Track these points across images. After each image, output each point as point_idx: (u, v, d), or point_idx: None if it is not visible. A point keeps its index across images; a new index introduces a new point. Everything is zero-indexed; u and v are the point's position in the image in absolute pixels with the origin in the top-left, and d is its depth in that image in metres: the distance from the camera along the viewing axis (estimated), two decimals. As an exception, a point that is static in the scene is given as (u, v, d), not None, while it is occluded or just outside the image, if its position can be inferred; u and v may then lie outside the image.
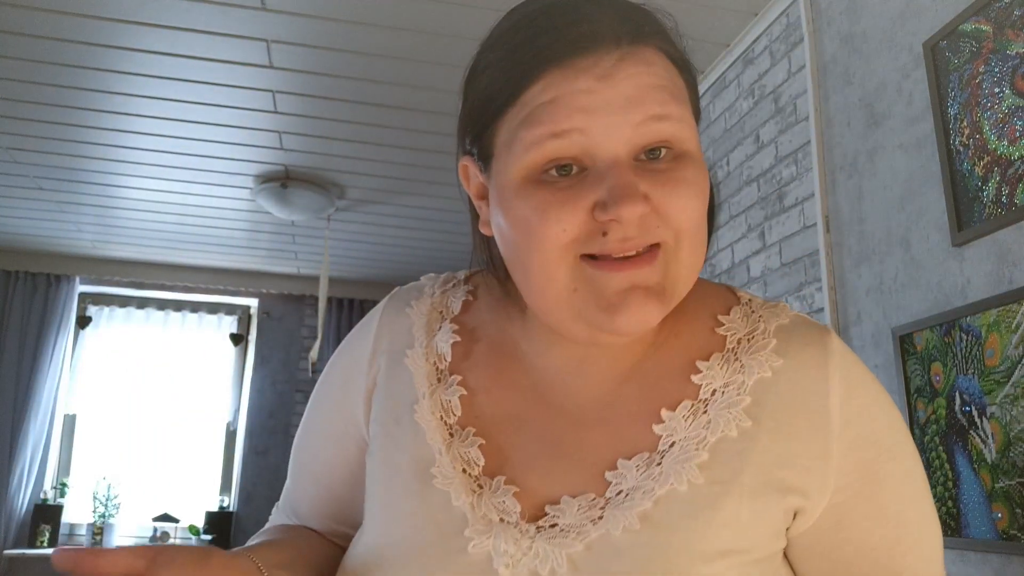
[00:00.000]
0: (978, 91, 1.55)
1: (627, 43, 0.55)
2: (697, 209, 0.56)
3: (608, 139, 0.54)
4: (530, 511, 0.59)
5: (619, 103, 0.54)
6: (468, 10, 2.33)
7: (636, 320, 0.55)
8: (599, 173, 0.54)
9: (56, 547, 0.56)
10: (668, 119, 0.55)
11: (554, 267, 0.55)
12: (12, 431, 4.56)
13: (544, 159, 0.55)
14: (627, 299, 0.55)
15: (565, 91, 0.54)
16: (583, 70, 0.54)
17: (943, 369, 1.59)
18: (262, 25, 2.44)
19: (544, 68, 0.55)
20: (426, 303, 0.71)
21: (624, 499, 0.57)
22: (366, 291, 5.29)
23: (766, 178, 2.32)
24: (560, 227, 0.54)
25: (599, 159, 0.54)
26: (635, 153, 0.55)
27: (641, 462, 0.58)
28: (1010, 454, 1.40)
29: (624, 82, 0.54)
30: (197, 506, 4.91)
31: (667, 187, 0.55)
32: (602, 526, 0.56)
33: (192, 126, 3.12)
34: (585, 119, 0.54)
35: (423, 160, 3.38)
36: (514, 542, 0.56)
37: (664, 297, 0.56)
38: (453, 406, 0.64)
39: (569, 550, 0.56)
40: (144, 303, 5.20)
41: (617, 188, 0.53)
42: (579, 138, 0.54)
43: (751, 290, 2.36)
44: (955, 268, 1.59)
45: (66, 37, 2.52)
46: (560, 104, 0.54)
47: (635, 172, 0.54)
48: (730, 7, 2.33)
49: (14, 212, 4.18)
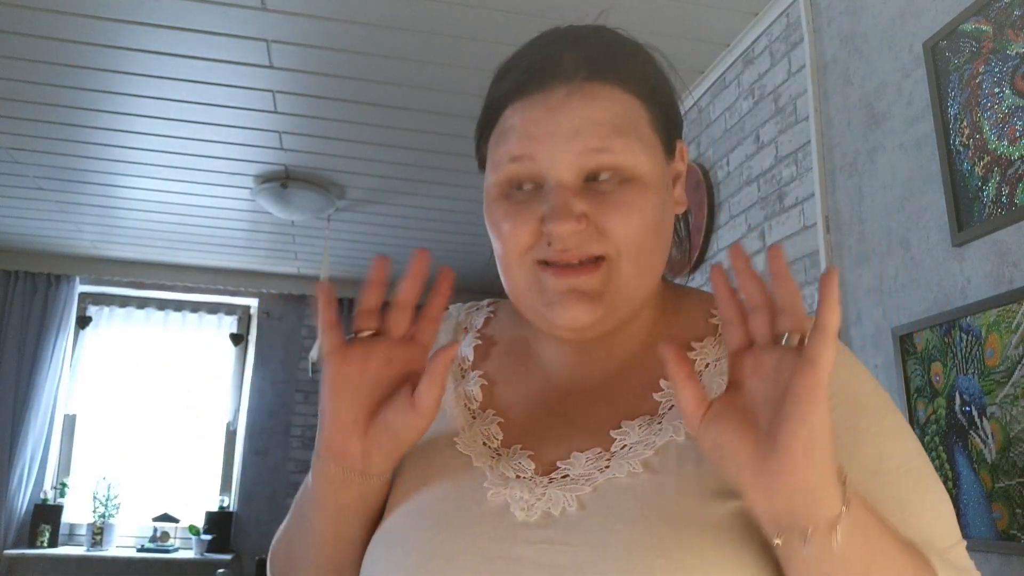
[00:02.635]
0: (978, 91, 1.55)
1: (581, 79, 0.64)
2: (636, 227, 0.64)
3: (553, 164, 0.63)
4: (543, 469, 0.65)
5: (562, 134, 0.63)
6: (468, 10, 2.33)
7: (571, 317, 0.64)
8: (547, 192, 0.64)
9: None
10: (608, 151, 0.63)
11: (515, 268, 0.66)
12: (12, 431, 4.56)
13: (506, 177, 0.66)
14: (564, 300, 0.64)
15: (521, 120, 0.65)
16: (537, 102, 0.64)
17: (943, 369, 1.59)
18: (262, 25, 2.44)
19: (512, 99, 0.66)
20: (452, 322, 0.81)
21: (628, 451, 0.63)
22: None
23: (766, 178, 2.32)
24: (515, 234, 0.65)
25: (547, 180, 0.64)
26: (583, 176, 0.64)
27: (643, 422, 0.65)
28: (1010, 454, 1.40)
29: (569, 115, 0.63)
30: (197, 506, 4.91)
31: (605, 207, 0.63)
32: (608, 473, 0.62)
33: (192, 126, 3.12)
34: (533, 146, 0.64)
35: (423, 160, 3.38)
36: (529, 491, 0.63)
37: (600, 302, 0.64)
38: (475, 394, 0.72)
39: (578, 492, 0.62)
40: (144, 303, 5.20)
41: (554, 207, 0.62)
42: (530, 162, 0.64)
43: (751, 290, 2.36)
44: (955, 268, 1.59)
45: (66, 37, 2.52)
46: (516, 131, 0.65)
47: (578, 192, 0.63)
48: (730, 7, 2.33)
49: (14, 212, 4.18)
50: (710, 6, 2.32)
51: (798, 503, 0.52)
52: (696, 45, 2.52)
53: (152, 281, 5.04)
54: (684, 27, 2.40)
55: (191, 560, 4.56)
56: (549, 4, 2.27)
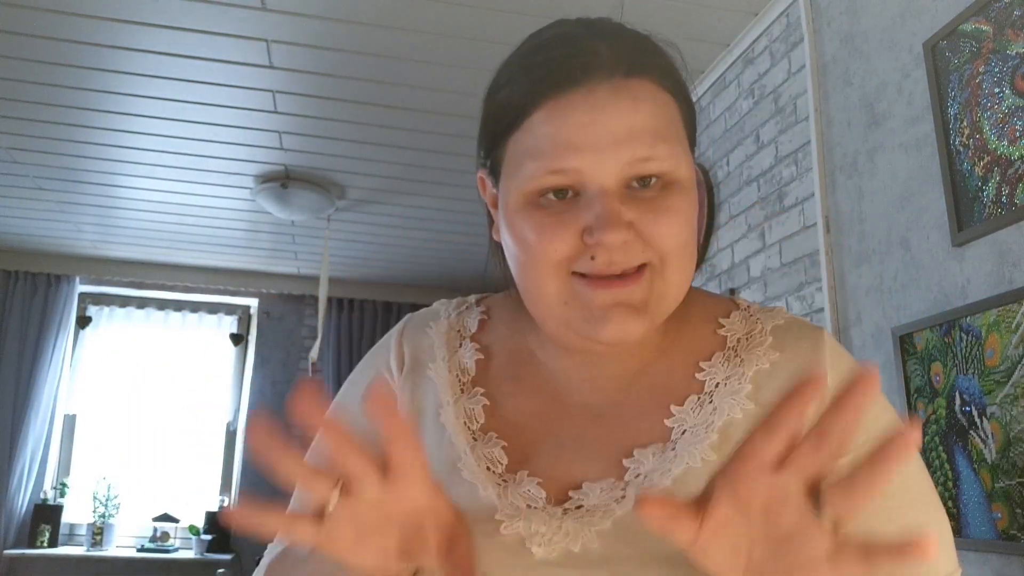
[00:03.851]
0: (978, 91, 1.55)
1: (621, 75, 0.60)
2: (682, 234, 0.61)
3: (598, 173, 0.59)
4: (555, 497, 0.62)
5: (609, 142, 0.59)
6: (468, 10, 2.33)
7: (619, 332, 0.60)
8: (589, 200, 0.59)
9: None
10: (654, 159, 0.59)
11: (548, 281, 0.61)
12: (12, 431, 4.56)
13: (542, 188, 0.60)
14: (611, 314, 0.59)
15: (562, 125, 0.59)
16: (578, 102, 0.59)
17: (943, 369, 1.59)
18: (262, 25, 2.44)
19: (544, 97, 0.60)
20: (444, 324, 0.76)
21: (643, 480, 0.61)
22: (366, 291, 5.29)
23: (766, 178, 2.32)
24: (553, 247, 0.60)
25: (589, 188, 0.59)
26: (625, 183, 0.60)
27: (656, 450, 0.62)
28: (1010, 454, 1.40)
29: (615, 120, 0.59)
30: (197, 506, 4.91)
31: (652, 215, 0.59)
32: (625, 504, 0.59)
33: (192, 126, 3.12)
34: (578, 158, 0.59)
35: (423, 160, 3.38)
36: (544, 523, 0.59)
37: (647, 313, 0.61)
38: (476, 414, 0.68)
39: (598, 527, 0.58)
40: (144, 303, 5.20)
41: (602, 216, 0.58)
42: (573, 174, 0.59)
43: (751, 290, 2.36)
44: (955, 268, 1.59)
45: (66, 37, 2.52)
46: (557, 139, 0.59)
47: (623, 200, 0.59)
48: (730, 7, 2.33)
49: (14, 212, 4.17)
50: (710, 6, 2.32)
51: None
52: (696, 45, 2.52)
53: (152, 281, 5.04)
54: (684, 27, 2.40)
55: (191, 560, 4.56)
56: (549, 4, 2.27)
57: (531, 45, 0.64)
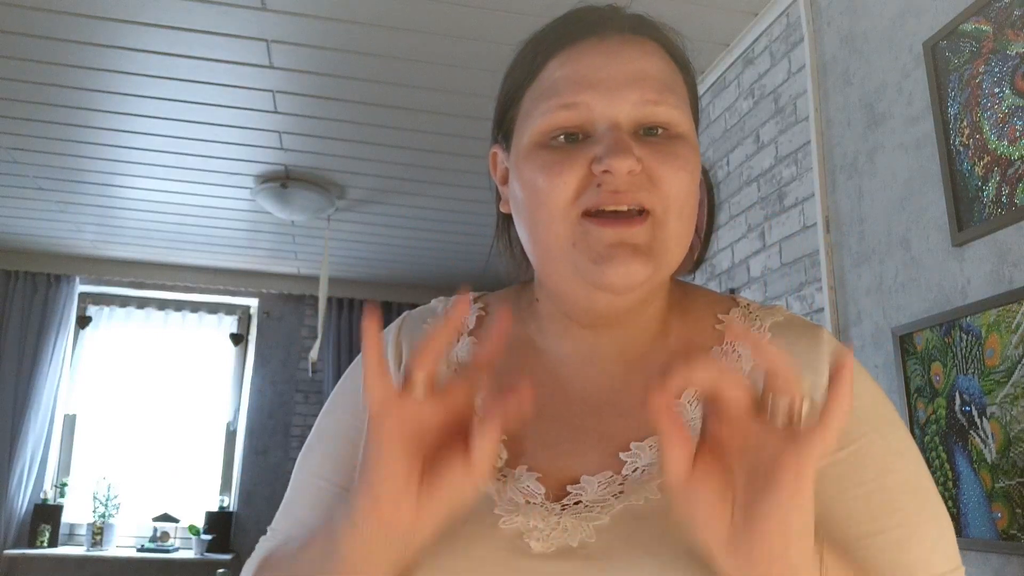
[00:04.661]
0: (978, 91, 1.55)
1: (630, 31, 0.65)
2: (685, 182, 0.62)
3: (609, 109, 0.62)
4: (553, 492, 0.62)
5: (621, 80, 0.62)
6: (468, 10, 2.33)
7: (624, 274, 0.60)
8: (600, 135, 0.62)
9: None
10: (663, 104, 0.62)
11: (558, 223, 0.62)
12: (12, 431, 4.56)
13: (553, 126, 0.63)
14: (615, 253, 0.60)
15: (576, 66, 0.63)
16: (591, 47, 0.63)
17: (943, 369, 1.59)
18: (262, 25, 2.44)
19: (559, 48, 0.64)
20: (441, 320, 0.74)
21: (641, 475, 0.61)
22: (366, 291, 5.29)
23: (766, 178, 2.32)
24: (562, 180, 0.61)
25: (600, 124, 0.62)
26: (634, 128, 0.62)
27: (653, 443, 0.63)
28: (1010, 454, 1.40)
29: (627, 64, 0.62)
30: (197, 506, 4.91)
31: (658, 156, 0.61)
32: (624, 499, 0.60)
33: (192, 126, 3.12)
34: (591, 94, 0.62)
35: (423, 160, 3.38)
36: (542, 519, 0.60)
37: (651, 257, 0.61)
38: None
39: (595, 522, 0.59)
40: (144, 303, 5.20)
41: (612, 143, 0.60)
42: (585, 110, 0.62)
43: (751, 290, 2.36)
44: (955, 268, 1.59)
45: (66, 37, 2.52)
46: (571, 78, 0.62)
47: (632, 138, 0.61)
48: (730, 7, 2.33)
49: (14, 212, 4.18)
50: (710, 6, 2.32)
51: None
52: (696, 45, 2.49)
53: (152, 281, 5.04)
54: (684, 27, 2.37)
55: (191, 560, 4.56)
56: (549, 4, 2.26)
57: (545, 26, 0.68)
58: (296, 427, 5.14)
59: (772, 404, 0.50)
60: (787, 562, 0.50)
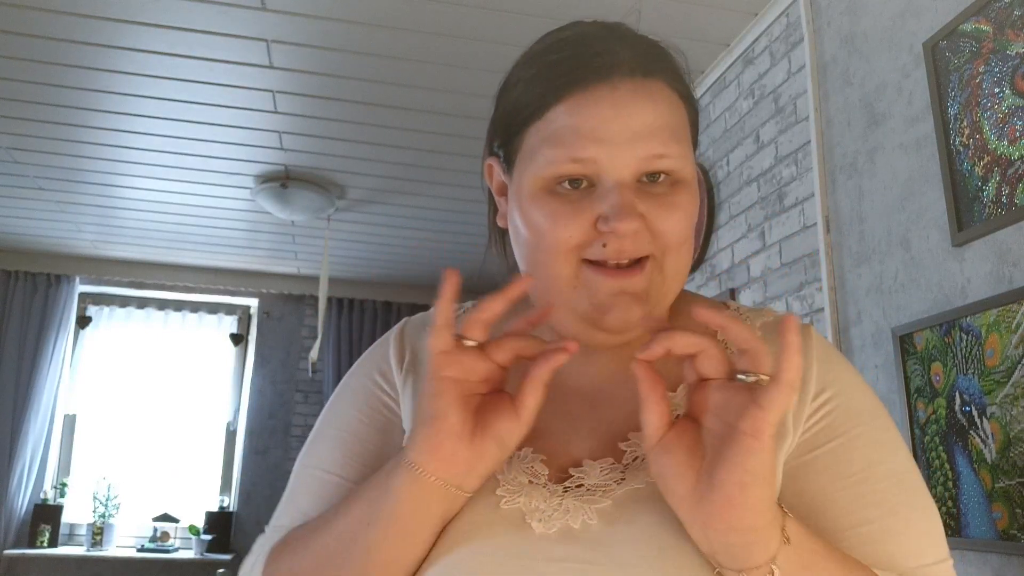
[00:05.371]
0: (978, 91, 1.55)
1: (640, 75, 0.64)
2: (685, 229, 0.65)
3: (616, 165, 0.62)
4: (556, 475, 0.64)
5: (628, 136, 0.62)
6: (468, 10, 2.33)
7: (622, 319, 0.63)
8: (605, 191, 0.62)
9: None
10: (668, 157, 0.63)
11: (560, 266, 0.64)
12: (12, 431, 4.56)
13: (560, 175, 0.64)
14: (615, 301, 0.63)
15: (585, 117, 0.62)
16: (601, 97, 0.62)
17: (943, 369, 1.59)
18: (262, 25, 2.44)
19: (568, 91, 0.63)
20: None
21: (641, 463, 0.63)
22: (366, 291, 5.29)
23: (766, 178, 2.32)
24: (567, 233, 0.63)
25: (606, 179, 0.63)
26: (638, 176, 0.63)
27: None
28: (1010, 454, 1.40)
29: (635, 118, 0.62)
30: (197, 506, 4.91)
31: (661, 209, 0.63)
32: (625, 484, 0.62)
33: (192, 126, 3.12)
34: (598, 149, 0.62)
35: (423, 160, 3.38)
36: (544, 500, 0.62)
37: (648, 302, 0.64)
38: None
39: (598, 506, 0.61)
40: (144, 303, 5.20)
41: (618, 206, 0.61)
42: (592, 165, 0.62)
43: (751, 290, 2.36)
44: (955, 268, 1.59)
45: (66, 37, 2.52)
46: (579, 131, 0.62)
47: (635, 193, 0.63)
48: (730, 7, 2.33)
49: (14, 212, 4.18)
50: (710, 6, 2.32)
51: (733, 543, 0.53)
52: (696, 45, 2.52)
53: (152, 281, 5.04)
54: (684, 27, 2.40)
55: (191, 560, 4.57)
56: (550, 4, 2.27)
57: (550, 43, 0.67)
58: (296, 427, 5.14)
59: (741, 373, 0.54)
60: (744, 519, 0.52)
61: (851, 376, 0.68)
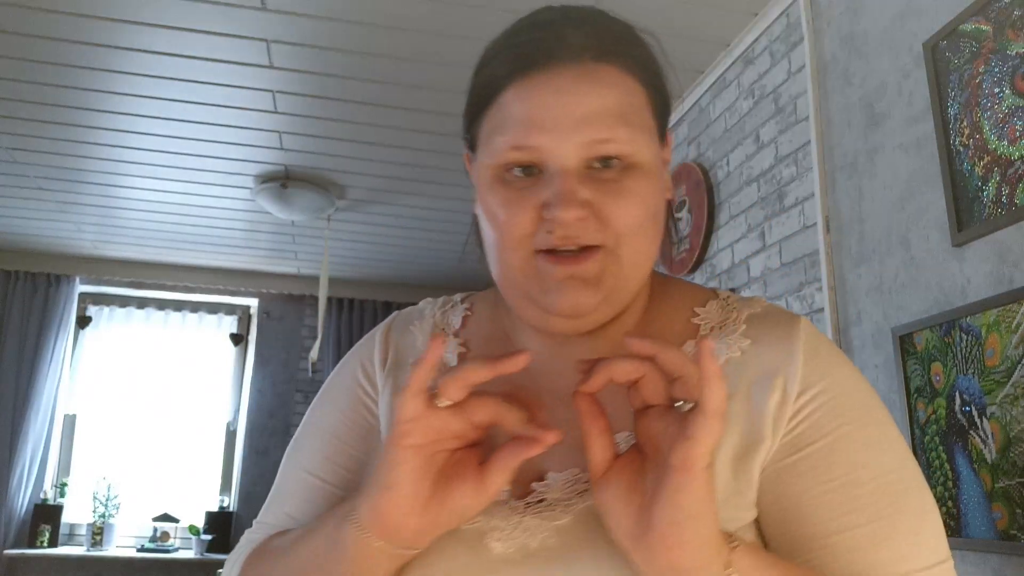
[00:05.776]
0: (978, 91, 1.55)
1: (588, 60, 0.62)
2: (638, 216, 0.62)
3: (558, 152, 0.61)
4: (519, 489, 0.63)
5: (569, 123, 0.61)
6: (468, 10, 2.33)
7: (572, 304, 0.62)
8: (549, 178, 0.61)
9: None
10: (613, 142, 0.61)
11: (512, 254, 0.63)
12: (12, 431, 4.56)
13: (507, 163, 0.63)
14: (564, 286, 0.61)
15: (526, 105, 0.62)
16: (543, 83, 0.62)
17: (943, 369, 1.59)
18: (262, 25, 2.44)
19: (513, 77, 0.63)
20: (428, 323, 0.77)
21: None
22: (366, 291, 5.29)
23: (766, 178, 2.32)
24: (516, 220, 0.62)
25: (550, 166, 0.62)
26: (587, 162, 0.62)
27: (624, 438, 0.62)
28: (1010, 454, 1.40)
29: (577, 104, 0.61)
30: (197, 506, 4.91)
31: (609, 196, 0.61)
32: (587, 497, 0.60)
33: (192, 126, 3.12)
34: (540, 137, 0.61)
35: (423, 160, 3.38)
36: (504, 518, 0.60)
37: (601, 286, 0.62)
38: None
39: (556, 522, 0.59)
40: (144, 303, 5.20)
41: (559, 194, 0.60)
42: (535, 152, 0.62)
43: (751, 290, 2.36)
44: (955, 268, 1.59)
45: (66, 37, 2.52)
46: (521, 119, 0.62)
47: (581, 179, 0.61)
48: (730, 7, 2.33)
49: (14, 212, 4.18)
50: (710, 6, 2.32)
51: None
52: (696, 45, 2.52)
53: (152, 281, 5.04)
54: (684, 27, 2.40)
55: (191, 560, 4.57)
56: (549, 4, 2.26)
57: (513, 28, 0.68)
58: (296, 427, 5.12)
59: (677, 401, 0.52)
60: (682, 559, 0.50)
61: (842, 371, 0.65)
